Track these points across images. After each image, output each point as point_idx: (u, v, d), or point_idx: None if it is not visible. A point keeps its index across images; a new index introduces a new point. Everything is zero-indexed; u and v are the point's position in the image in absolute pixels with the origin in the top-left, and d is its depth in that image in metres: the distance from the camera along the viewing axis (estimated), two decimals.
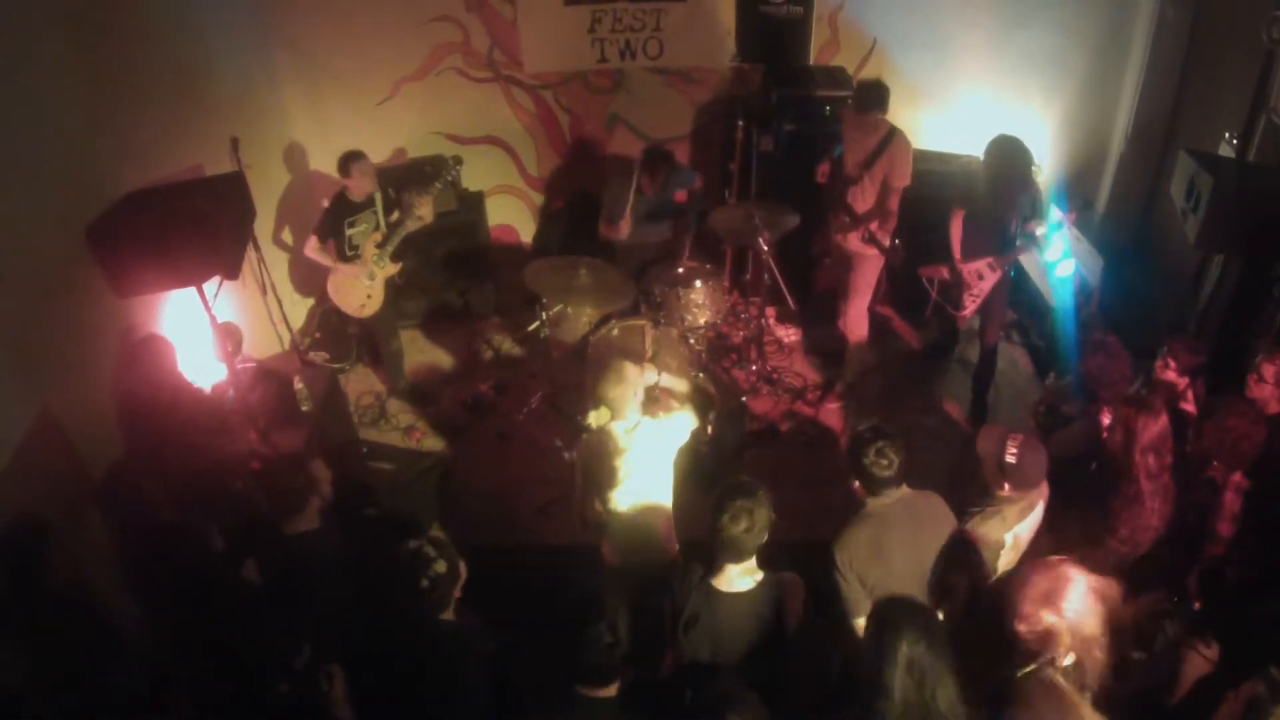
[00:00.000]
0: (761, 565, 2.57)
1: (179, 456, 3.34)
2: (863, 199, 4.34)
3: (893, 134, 4.22)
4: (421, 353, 5.22)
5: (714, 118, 5.45)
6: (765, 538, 2.52)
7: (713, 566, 2.55)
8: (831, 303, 5.06)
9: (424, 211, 4.40)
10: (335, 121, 5.28)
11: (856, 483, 2.71)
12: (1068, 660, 2.17)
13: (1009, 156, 4.00)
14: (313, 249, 4.38)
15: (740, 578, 2.53)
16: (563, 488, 4.17)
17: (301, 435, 4.03)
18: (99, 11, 3.55)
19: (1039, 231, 4.07)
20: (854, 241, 4.40)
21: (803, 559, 2.89)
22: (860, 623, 2.66)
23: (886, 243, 4.36)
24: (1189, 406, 3.40)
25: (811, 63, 5.13)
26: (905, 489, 2.72)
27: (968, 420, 4.63)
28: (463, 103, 5.39)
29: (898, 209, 4.28)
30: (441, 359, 5.22)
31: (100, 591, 3.07)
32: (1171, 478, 3.12)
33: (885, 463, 2.64)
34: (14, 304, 3.02)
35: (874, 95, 4.15)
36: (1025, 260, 5.05)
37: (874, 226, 4.32)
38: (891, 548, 2.68)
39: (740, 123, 4.91)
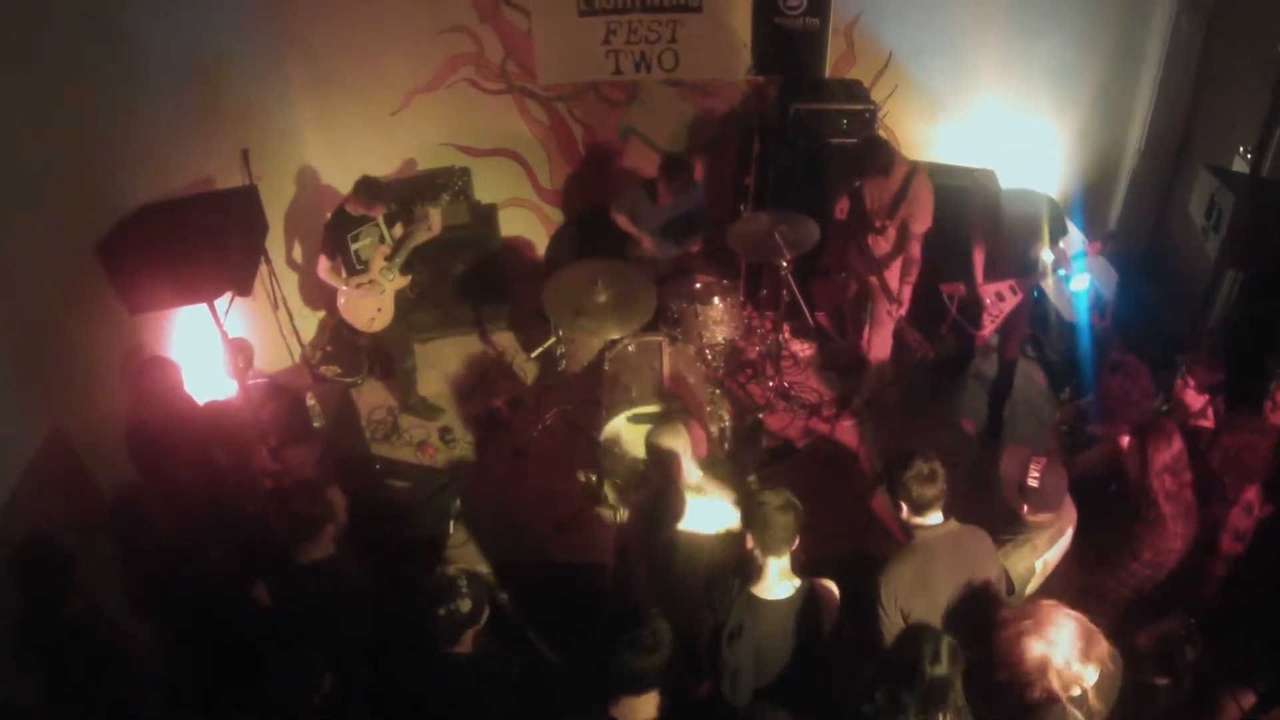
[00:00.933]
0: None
1: (188, 480, 3.30)
2: (886, 243, 4.27)
3: (914, 172, 4.11)
4: (434, 366, 5.16)
5: (729, 131, 5.42)
6: (796, 534, 2.50)
7: (750, 571, 2.54)
8: (838, 321, 5.04)
9: (433, 222, 4.37)
10: (346, 132, 5.24)
11: (904, 508, 2.66)
12: (1074, 692, 2.17)
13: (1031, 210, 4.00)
14: (324, 270, 4.35)
15: (780, 583, 2.53)
16: (578, 505, 4.14)
17: (314, 452, 3.99)
18: (107, 19, 3.51)
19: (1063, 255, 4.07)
20: (875, 279, 4.34)
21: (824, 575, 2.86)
22: None
23: (906, 298, 4.26)
24: (1208, 423, 3.38)
25: (827, 75, 5.10)
26: (953, 523, 2.68)
27: (983, 436, 4.60)
28: (475, 114, 5.35)
29: (920, 255, 4.16)
30: (454, 373, 5.17)
31: (113, 614, 3.03)
32: (1193, 495, 3.10)
33: (930, 481, 2.59)
34: (24, 320, 2.99)
35: (872, 159, 4.05)
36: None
37: (893, 280, 4.24)
38: (937, 583, 2.64)
39: (756, 136, 4.88)
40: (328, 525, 2.87)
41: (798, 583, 2.55)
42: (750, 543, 2.50)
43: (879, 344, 4.51)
